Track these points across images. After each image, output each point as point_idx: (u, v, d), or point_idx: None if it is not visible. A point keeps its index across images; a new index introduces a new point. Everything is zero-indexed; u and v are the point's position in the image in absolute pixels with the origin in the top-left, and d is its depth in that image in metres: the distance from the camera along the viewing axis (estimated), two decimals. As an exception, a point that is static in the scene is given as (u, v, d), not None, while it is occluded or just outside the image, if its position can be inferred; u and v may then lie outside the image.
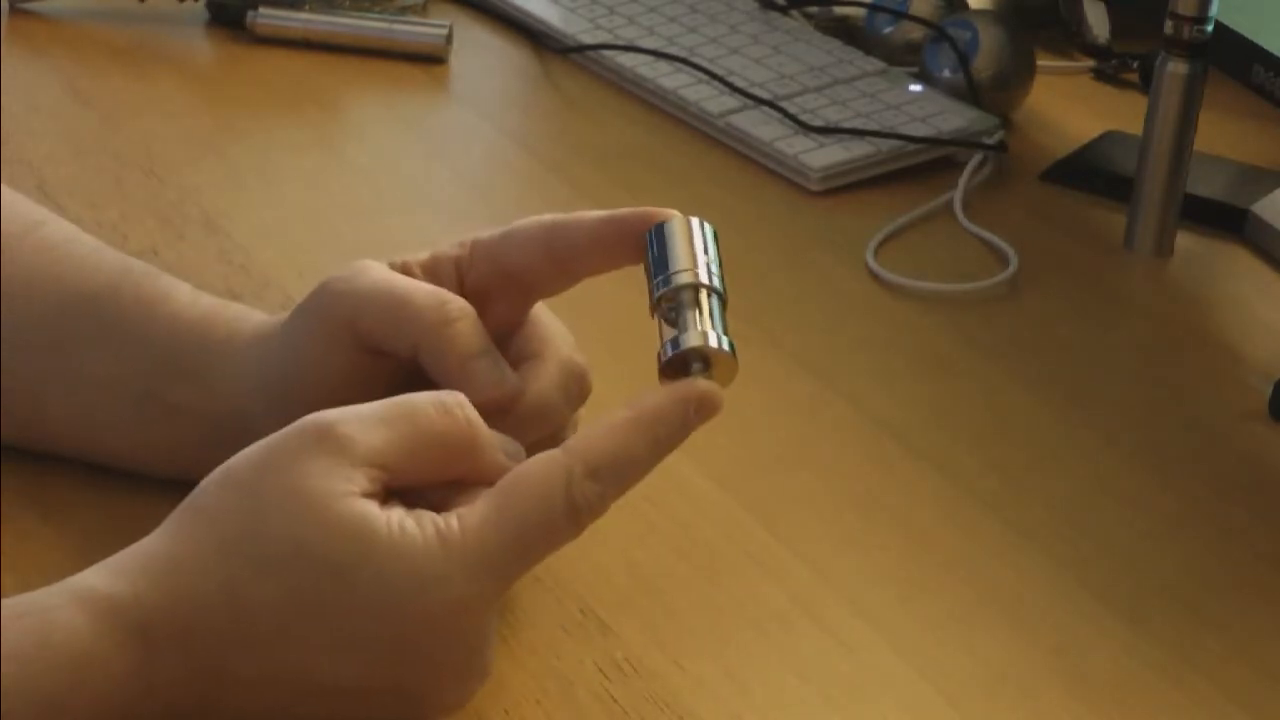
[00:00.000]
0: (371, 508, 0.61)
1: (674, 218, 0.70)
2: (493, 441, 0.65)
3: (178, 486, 0.73)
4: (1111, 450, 0.87)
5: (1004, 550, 0.79)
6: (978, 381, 0.93)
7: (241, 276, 0.95)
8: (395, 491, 0.63)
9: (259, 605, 0.60)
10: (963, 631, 0.74)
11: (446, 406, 0.64)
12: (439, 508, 0.64)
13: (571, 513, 0.63)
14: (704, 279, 0.68)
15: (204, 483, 0.63)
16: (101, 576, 0.61)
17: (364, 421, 0.62)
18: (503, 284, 0.72)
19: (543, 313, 0.74)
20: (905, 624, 0.74)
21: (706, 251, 0.69)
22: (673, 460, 0.67)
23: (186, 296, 0.76)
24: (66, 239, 0.79)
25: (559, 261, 0.72)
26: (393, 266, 0.73)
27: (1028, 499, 0.83)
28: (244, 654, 0.60)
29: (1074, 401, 0.91)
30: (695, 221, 0.70)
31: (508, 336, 0.73)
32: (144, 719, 0.60)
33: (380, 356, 0.70)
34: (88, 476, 0.76)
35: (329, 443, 0.62)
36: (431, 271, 0.73)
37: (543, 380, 0.71)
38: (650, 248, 0.69)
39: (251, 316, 0.76)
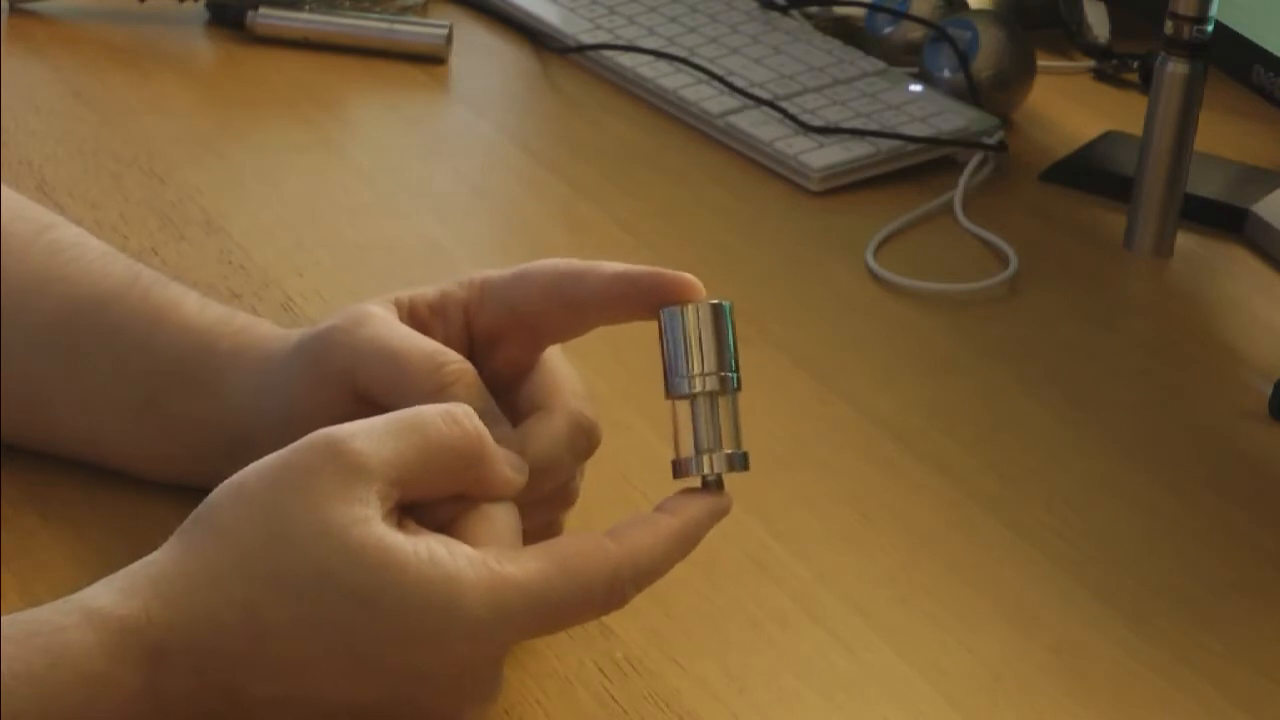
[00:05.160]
0: (394, 535, 0.60)
1: (687, 308, 0.67)
2: (499, 454, 0.65)
3: (179, 489, 0.73)
4: (1111, 450, 0.87)
5: (1003, 550, 0.79)
6: (978, 381, 0.93)
7: (241, 276, 0.95)
8: (405, 507, 0.63)
9: (278, 628, 0.60)
10: (962, 631, 0.74)
11: (455, 417, 0.63)
12: (446, 523, 0.63)
13: (606, 605, 0.64)
14: (714, 386, 0.66)
15: (215, 497, 0.62)
16: (112, 595, 0.60)
17: (374, 436, 0.62)
18: (513, 327, 0.71)
19: (555, 358, 0.73)
20: (905, 623, 0.74)
21: (722, 346, 0.67)
22: (673, 460, 0.68)
23: (194, 305, 0.76)
24: (76, 242, 0.78)
25: (571, 309, 0.70)
26: (398, 305, 0.71)
27: (1027, 499, 0.83)
28: (259, 675, 0.60)
29: (1074, 401, 0.91)
30: (707, 310, 0.67)
31: (518, 379, 0.72)
32: None
33: (379, 405, 0.68)
34: (88, 477, 0.76)
35: (342, 460, 0.61)
36: (439, 312, 0.72)
37: (549, 436, 0.70)
38: (664, 335, 0.67)
39: (259, 329, 0.75)
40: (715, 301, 0.67)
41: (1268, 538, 0.82)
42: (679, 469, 0.67)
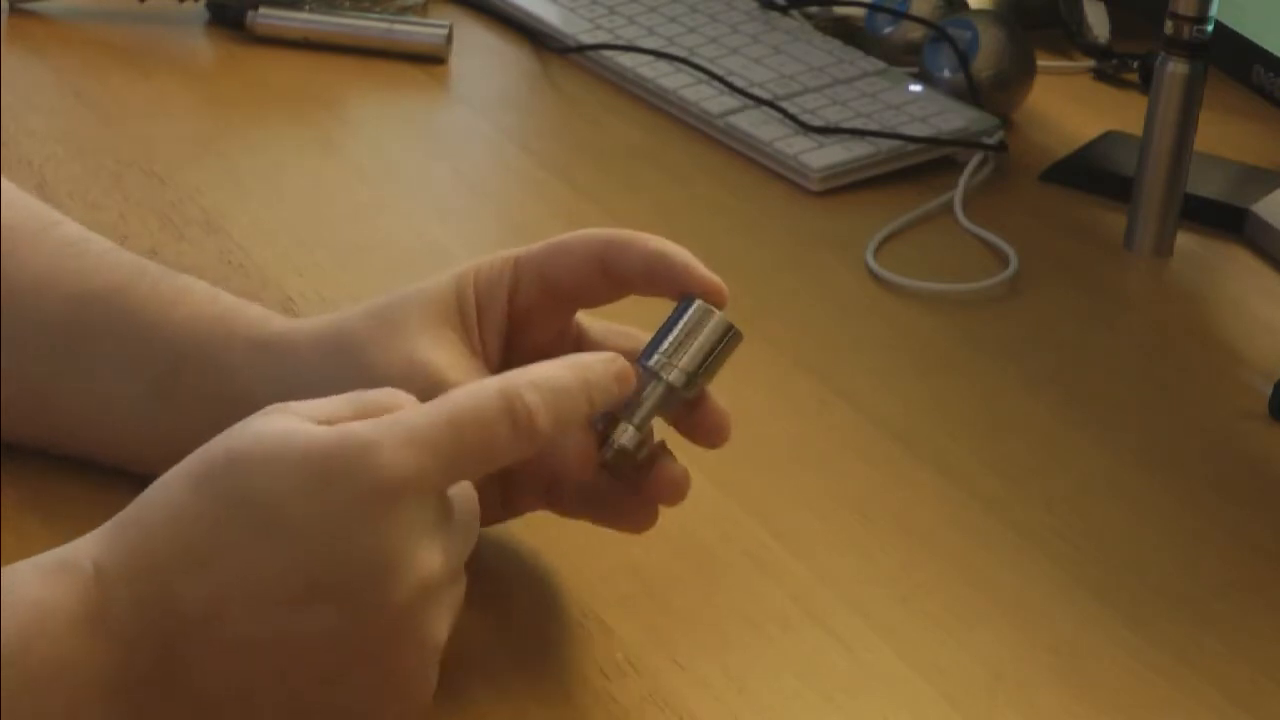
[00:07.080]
0: (302, 420, 0.62)
1: (701, 305, 0.70)
2: None
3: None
4: (1111, 450, 0.87)
5: (1004, 550, 0.79)
6: (978, 381, 0.93)
7: (241, 276, 0.95)
8: None
9: (196, 518, 0.60)
10: (962, 631, 0.74)
11: (389, 391, 0.64)
12: None
13: (506, 409, 0.62)
14: (674, 379, 0.69)
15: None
16: (50, 552, 0.62)
17: (311, 402, 0.63)
18: (550, 300, 0.73)
19: (596, 323, 0.75)
20: (905, 623, 0.74)
21: (707, 356, 0.69)
22: (673, 460, 0.67)
23: (206, 293, 0.77)
24: (83, 237, 0.80)
25: (613, 278, 0.72)
26: (443, 298, 0.72)
27: (1027, 499, 0.83)
28: (189, 579, 0.60)
29: (1074, 401, 0.91)
30: (717, 321, 0.70)
31: (554, 344, 0.73)
32: (102, 672, 0.60)
33: None
34: (88, 478, 0.76)
35: (275, 409, 0.63)
36: (486, 293, 0.72)
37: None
38: (672, 314, 0.70)
39: (274, 319, 0.76)
40: (728, 320, 0.70)
41: (1268, 538, 0.82)
42: (597, 428, 0.69)
